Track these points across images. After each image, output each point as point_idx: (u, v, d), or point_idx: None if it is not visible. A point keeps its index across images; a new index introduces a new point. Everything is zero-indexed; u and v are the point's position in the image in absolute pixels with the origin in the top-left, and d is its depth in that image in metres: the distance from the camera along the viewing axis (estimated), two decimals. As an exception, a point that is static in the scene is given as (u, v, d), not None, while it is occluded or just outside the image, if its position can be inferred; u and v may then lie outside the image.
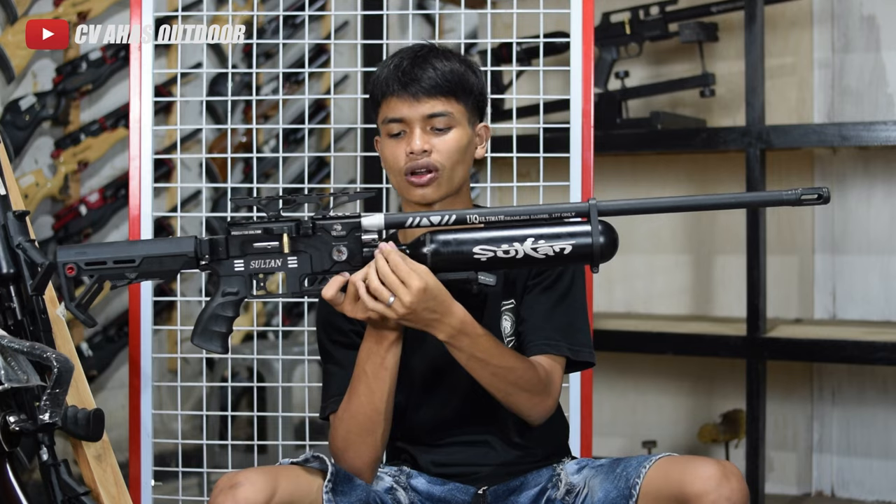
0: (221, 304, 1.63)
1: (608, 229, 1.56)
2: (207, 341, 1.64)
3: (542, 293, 1.76)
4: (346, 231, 1.60)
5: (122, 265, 1.64)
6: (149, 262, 1.64)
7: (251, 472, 1.58)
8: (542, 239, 1.55)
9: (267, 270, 1.62)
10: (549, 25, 2.53)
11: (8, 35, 3.09)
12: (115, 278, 1.65)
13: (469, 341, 1.62)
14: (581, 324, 1.78)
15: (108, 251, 1.65)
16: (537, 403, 1.70)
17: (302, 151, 3.84)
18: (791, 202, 1.53)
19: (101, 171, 3.51)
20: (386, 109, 1.74)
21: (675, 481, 1.57)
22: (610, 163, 3.34)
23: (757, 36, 2.84)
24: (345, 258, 1.60)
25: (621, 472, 1.64)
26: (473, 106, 1.77)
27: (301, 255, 1.61)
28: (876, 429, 3.12)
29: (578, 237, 1.55)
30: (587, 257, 1.55)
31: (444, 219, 1.59)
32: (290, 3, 4.07)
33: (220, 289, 1.63)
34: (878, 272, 3.15)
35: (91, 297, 1.65)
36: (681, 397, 3.38)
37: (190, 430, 3.59)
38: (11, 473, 1.76)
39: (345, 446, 1.70)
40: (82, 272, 1.64)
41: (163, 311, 3.48)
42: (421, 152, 1.71)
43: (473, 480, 1.77)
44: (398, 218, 1.60)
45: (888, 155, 3.09)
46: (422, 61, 1.73)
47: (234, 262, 1.63)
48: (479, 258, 1.57)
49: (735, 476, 1.55)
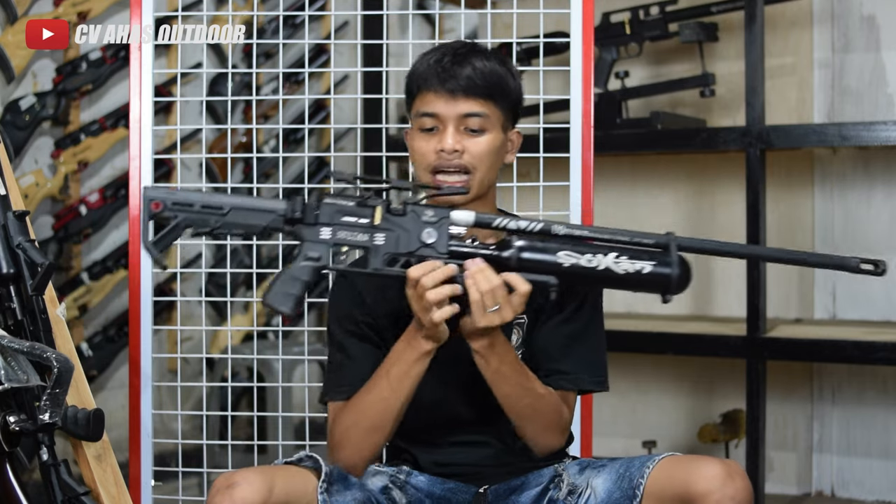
0: (301, 267, 1.60)
1: (684, 263, 1.58)
2: (280, 302, 1.60)
3: (564, 324, 1.75)
4: (437, 219, 1.60)
5: (210, 210, 1.60)
6: (236, 213, 1.61)
7: (248, 472, 1.58)
8: (624, 255, 1.57)
9: (352, 243, 1.60)
10: (549, 25, 2.52)
11: (8, 35, 3.09)
12: (199, 224, 1.61)
13: (500, 352, 1.62)
14: (603, 355, 1.78)
15: (197, 196, 1.62)
16: (547, 433, 1.70)
17: (302, 151, 3.84)
18: (851, 269, 1.58)
19: (101, 171, 3.51)
20: (421, 103, 1.73)
21: (679, 481, 1.56)
22: (610, 163, 3.34)
23: (757, 36, 2.84)
24: (433, 241, 1.59)
25: (624, 472, 1.64)
26: (509, 111, 1.75)
27: (389, 233, 1.60)
28: (876, 429, 3.12)
29: (658, 265, 1.56)
30: (663, 284, 1.57)
31: (529, 226, 1.59)
32: (290, 3, 4.06)
33: (303, 253, 1.60)
34: (878, 272, 3.15)
35: (168, 238, 1.60)
36: (681, 397, 3.38)
37: (190, 430, 3.59)
38: (11, 473, 1.76)
39: (344, 439, 1.69)
40: (167, 210, 1.60)
41: (163, 311, 3.48)
42: (452, 152, 1.69)
43: (474, 480, 1.76)
44: (486, 218, 1.61)
45: (888, 155, 3.09)
46: (462, 59, 1.71)
47: (320, 230, 1.61)
48: (561, 263, 1.57)
49: (739, 475, 1.55)
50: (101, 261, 3.46)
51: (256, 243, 2.47)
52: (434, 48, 1.76)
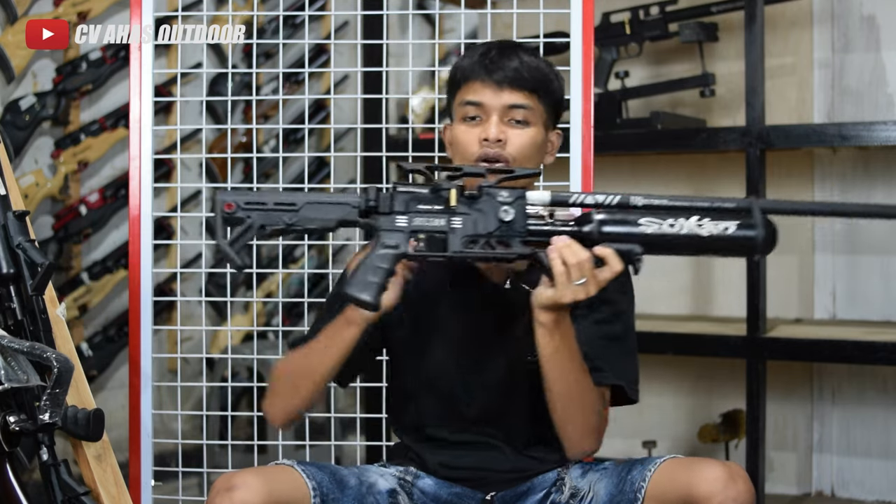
0: (380, 255, 1.58)
1: (770, 224, 1.57)
2: (361, 290, 1.56)
3: (604, 324, 1.74)
4: (513, 199, 1.59)
5: (283, 207, 1.60)
6: (309, 208, 1.60)
7: (247, 475, 1.58)
8: (706, 217, 1.56)
9: (430, 228, 1.59)
10: (549, 25, 2.52)
11: (8, 35, 3.09)
12: (273, 222, 1.60)
13: (565, 330, 1.60)
14: (637, 366, 1.77)
15: (269, 195, 1.62)
16: (587, 434, 1.67)
17: (302, 151, 3.84)
18: None
19: (101, 171, 3.51)
20: (466, 92, 1.73)
21: (680, 484, 1.56)
22: (610, 163, 3.33)
23: (757, 36, 2.84)
24: (511, 218, 1.58)
25: (626, 475, 1.63)
26: (552, 110, 1.75)
27: (466, 216, 1.59)
28: (876, 429, 3.12)
29: (742, 225, 1.55)
30: (749, 245, 1.56)
31: (607, 199, 1.58)
32: (290, 3, 4.06)
33: (380, 242, 1.59)
34: (878, 272, 3.15)
35: (244, 238, 1.60)
36: (681, 397, 3.37)
37: (190, 430, 3.59)
38: (11, 473, 1.76)
39: (274, 387, 1.73)
40: (241, 210, 1.60)
41: (163, 311, 3.48)
42: (495, 141, 1.69)
43: (482, 485, 1.75)
44: (562, 196, 1.60)
45: (888, 155, 3.09)
46: (510, 52, 1.72)
47: (396, 218, 1.60)
48: (644, 231, 1.56)
49: (741, 477, 1.54)
50: (101, 261, 3.46)
51: (256, 243, 2.47)
52: (479, 45, 1.77)
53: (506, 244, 1.59)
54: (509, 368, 1.75)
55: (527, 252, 1.58)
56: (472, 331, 1.75)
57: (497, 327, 1.75)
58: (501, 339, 1.75)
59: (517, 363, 1.73)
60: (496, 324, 1.75)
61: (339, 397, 3.99)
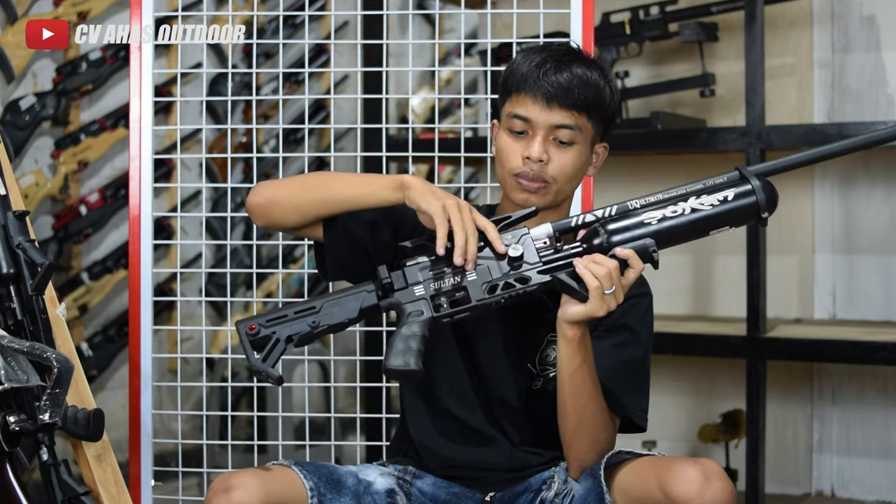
0: (408, 324, 1.59)
1: (766, 182, 1.60)
2: (403, 361, 1.56)
3: (620, 348, 1.73)
4: (516, 240, 1.62)
5: (304, 314, 1.62)
6: (329, 306, 1.62)
7: (245, 476, 1.57)
8: (703, 195, 1.60)
9: (448, 289, 1.61)
10: (549, 25, 2.52)
11: (8, 35, 3.09)
12: (298, 330, 1.62)
13: (588, 346, 1.61)
14: (648, 395, 1.76)
15: (287, 308, 1.64)
16: (593, 451, 1.67)
17: (302, 151, 3.84)
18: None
19: (101, 171, 3.51)
20: (515, 104, 1.71)
21: (656, 486, 1.53)
22: (610, 163, 3.29)
23: (757, 36, 2.84)
24: (519, 254, 1.60)
25: (596, 468, 1.63)
26: (601, 125, 1.75)
27: (478, 268, 1.61)
28: (876, 429, 3.12)
29: (740, 192, 1.59)
30: (753, 207, 1.58)
31: (606, 212, 1.62)
32: (290, 3, 4.06)
33: (406, 314, 1.60)
34: (878, 272, 3.15)
35: (275, 354, 1.61)
36: (681, 397, 3.37)
37: (190, 430, 3.59)
38: (11, 473, 1.76)
39: (282, 180, 1.72)
40: (263, 329, 1.62)
41: (163, 311, 3.48)
42: (537, 160, 1.68)
43: (480, 485, 1.75)
44: (562, 224, 1.63)
45: (888, 155, 3.09)
46: (565, 67, 1.69)
47: (413, 289, 1.62)
48: (651, 224, 1.59)
49: (717, 476, 1.50)
50: (101, 261, 3.46)
51: (256, 243, 2.47)
52: (538, 48, 1.74)
53: (524, 280, 1.60)
54: (518, 387, 1.75)
55: (547, 280, 1.60)
56: (482, 341, 1.75)
57: (505, 339, 1.75)
58: (513, 354, 1.75)
59: (526, 378, 1.75)
60: (504, 334, 1.75)
61: (339, 397, 4.00)
